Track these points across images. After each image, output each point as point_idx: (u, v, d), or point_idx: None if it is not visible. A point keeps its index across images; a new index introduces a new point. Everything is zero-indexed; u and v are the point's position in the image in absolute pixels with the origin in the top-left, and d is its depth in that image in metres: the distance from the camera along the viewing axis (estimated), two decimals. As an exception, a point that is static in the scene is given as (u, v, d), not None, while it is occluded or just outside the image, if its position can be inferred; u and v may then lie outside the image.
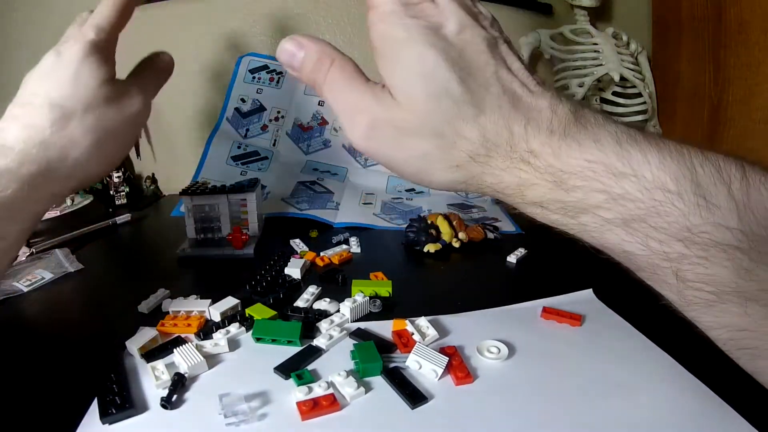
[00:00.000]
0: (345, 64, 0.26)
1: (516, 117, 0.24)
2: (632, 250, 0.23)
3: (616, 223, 0.23)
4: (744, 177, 0.22)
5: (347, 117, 0.26)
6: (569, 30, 0.81)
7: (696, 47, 0.77)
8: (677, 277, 0.23)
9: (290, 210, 0.66)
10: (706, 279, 0.22)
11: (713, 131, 0.75)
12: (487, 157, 0.24)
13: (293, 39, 0.26)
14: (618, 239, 0.23)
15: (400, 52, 0.24)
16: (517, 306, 0.41)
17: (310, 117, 0.82)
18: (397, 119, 0.24)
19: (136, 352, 0.33)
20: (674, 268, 0.23)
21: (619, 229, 0.23)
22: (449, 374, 0.31)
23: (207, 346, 0.34)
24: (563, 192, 0.24)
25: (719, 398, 0.28)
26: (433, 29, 0.23)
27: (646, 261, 0.23)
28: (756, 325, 0.22)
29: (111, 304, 0.43)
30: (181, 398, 0.29)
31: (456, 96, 0.23)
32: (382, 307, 0.40)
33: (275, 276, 0.46)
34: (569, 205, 0.24)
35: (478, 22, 0.24)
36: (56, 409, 0.29)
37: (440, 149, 0.24)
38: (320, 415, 0.28)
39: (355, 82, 0.26)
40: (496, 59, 0.24)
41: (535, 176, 0.24)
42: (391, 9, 0.24)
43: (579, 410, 0.28)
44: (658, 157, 0.22)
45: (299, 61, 0.26)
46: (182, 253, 0.53)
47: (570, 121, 0.24)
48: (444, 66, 0.23)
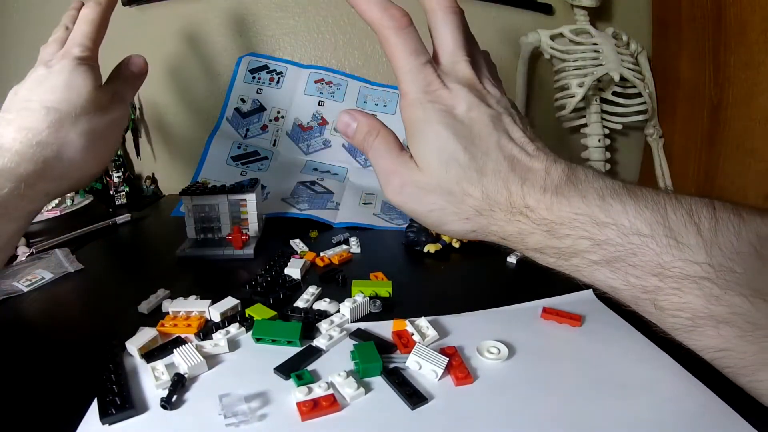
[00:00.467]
0: (387, 135, 0.32)
1: (513, 178, 0.28)
2: (616, 285, 0.28)
3: (601, 264, 0.27)
4: (713, 217, 0.26)
5: (384, 177, 0.31)
6: (569, 30, 0.81)
7: (696, 47, 0.77)
8: (655, 307, 0.27)
9: (290, 210, 0.66)
10: (681, 307, 0.26)
11: (713, 131, 0.75)
12: (491, 211, 0.29)
13: (349, 113, 0.33)
14: (604, 277, 0.28)
15: (421, 130, 0.29)
16: (517, 306, 0.41)
17: (310, 117, 0.82)
18: (419, 181, 0.30)
19: (136, 352, 0.33)
20: (652, 299, 0.27)
21: (604, 269, 0.28)
22: (449, 375, 0.31)
23: (207, 346, 0.34)
24: (556, 240, 0.28)
25: (719, 399, 0.29)
26: (447, 110, 0.29)
27: (629, 294, 0.28)
28: (731, 345, 0.25)
29: (111, 304, 0.43)
30: (181, 399, 0.29)
31: (462, 163, 0.28)
32: (382, 307, 0.40)
33: (275, 276, 0.46)
34: (562, 250, 0.28)
35: (485, 101, 0.30)
36: (56, 409, 0.29)
37: (452, 204, 0.29)
38: (320, 415, 0.28)
39: (393, 151, 0.31)
40: (498, 131, 0.29)
41: (531, 227, 0.28)
42: (414, 96, 0.29)
43: (579, 411, 0.28)
44: (635, 208, 0.27)
45: (353, 130, 0.32)
46: (182, 253, 0.53)
47: (561, 180, 0.28)
48: (453, 139, 0.28)
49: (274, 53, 0.87)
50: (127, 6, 0.81)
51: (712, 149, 0.76)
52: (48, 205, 0.62)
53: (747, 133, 0.70)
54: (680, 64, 0.81)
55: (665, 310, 0.27)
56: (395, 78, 0.31)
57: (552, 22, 0.86)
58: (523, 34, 0.84)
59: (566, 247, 0.28)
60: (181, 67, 0.85)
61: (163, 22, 0.83)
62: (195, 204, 0.55)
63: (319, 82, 0.84)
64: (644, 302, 0.27)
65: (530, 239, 0.29)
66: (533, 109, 0.91)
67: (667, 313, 0.27)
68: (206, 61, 0.86)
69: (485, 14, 0.87)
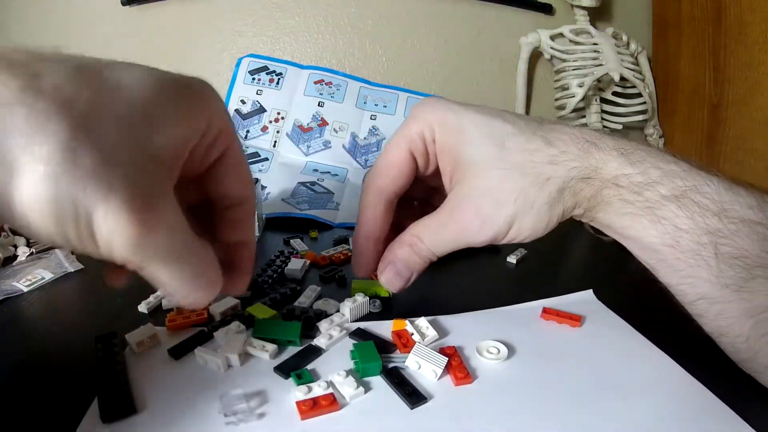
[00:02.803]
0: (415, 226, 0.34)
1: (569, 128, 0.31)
2: (682, 225, 0.28)
3: (670, 199, 0.28)
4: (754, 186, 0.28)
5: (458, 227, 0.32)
6: (569, 30, 0.81)
7: (696, 47, 0.77)
8: (716, 253, 0.27)
9: (290, 210, 0.66)
10: (737, 253, 0.27)
11: (713, 131, 0.75)
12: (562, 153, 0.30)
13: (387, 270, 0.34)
14: (671, 214, 0.28)
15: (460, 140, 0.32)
16: (517, 306, 0.41)
17: (310, 118, 0.82)
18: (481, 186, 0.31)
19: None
20: (714, 242, 0.27)
21: (672, 205, 0.28)
22: (449, 374, 0.31)
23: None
24: (630, 165, 0.29)
25: (719, 400, 0.29)
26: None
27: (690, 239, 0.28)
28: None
29: (111, 304, 0.43)
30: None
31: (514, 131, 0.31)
32: (382, 307, 0.40)
33: (275, 276, 0.46)
34: (635, 180, 0.29)
35: None
36: (56, 409, 0.29)
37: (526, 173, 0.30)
38: (319, 414, 0.28)
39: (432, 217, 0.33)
40: None
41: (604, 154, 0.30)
42: None
43: (578, 411, 0.28)
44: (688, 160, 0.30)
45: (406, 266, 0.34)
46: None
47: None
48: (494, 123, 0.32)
49: (273, 53, 0.87)
50: (126, 6, 0.81)
51: (712, 149, 0.76)
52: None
53: (747, 133, 0.70)
54: (680, 64, 0.81)
55: (724, 257, 0.27)
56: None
57: (552, 22, 0.86)
58: (523, 34, 0.84)
59: (639, 174, 0.29)
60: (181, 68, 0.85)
61: (163, 22, 0.83)
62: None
63: (319, 83, 0.85)
64: (706, 249, 0.27)
65: (607, 168, 0.30)
66: (533, 109, 0.91)
67: (726, 263, 0.27)
68: (206, 61, 0.86)
69: (485, 14, 0.87)
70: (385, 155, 0.33)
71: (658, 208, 0.29)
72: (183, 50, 0.85)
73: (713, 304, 0.28)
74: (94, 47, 0.91)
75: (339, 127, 0.83)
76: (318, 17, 0.86)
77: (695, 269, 0.28)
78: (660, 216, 0.29)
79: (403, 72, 0.89)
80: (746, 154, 0.70)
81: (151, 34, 0.84)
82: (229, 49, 0.86)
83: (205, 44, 0.86)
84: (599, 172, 0.30)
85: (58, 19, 0.81)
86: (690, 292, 0.29)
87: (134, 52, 0.84)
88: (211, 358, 0.32)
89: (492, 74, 0.90)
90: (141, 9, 0.82)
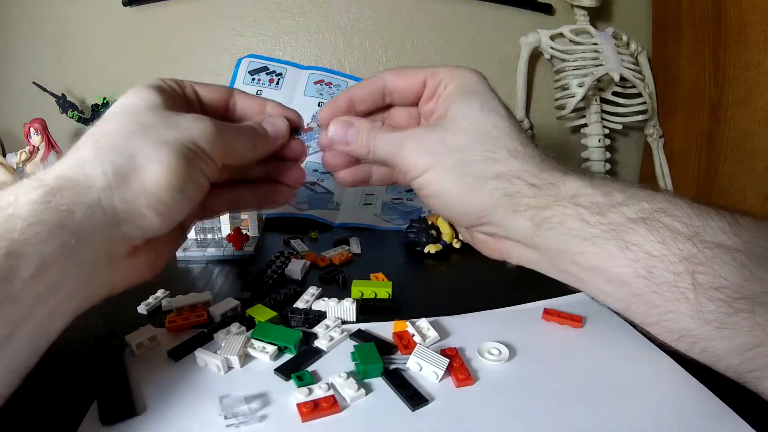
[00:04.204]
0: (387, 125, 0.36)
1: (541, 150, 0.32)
2: (653, 252, 0.25)
3: (637, 221, 0.26)
4: (725, 209, 0.26)
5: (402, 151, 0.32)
6: (569, 30, 0.81)
7: (696, 47, 0.77)
8: (694, 284, 0.25)
9: (290, 210, 0.66)
10: (717, 283, 0.24)
11: (713, 131, 0.75)
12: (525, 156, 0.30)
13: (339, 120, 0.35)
14: (641, 238, 0.26)
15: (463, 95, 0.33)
16: (518, 307, 0.40)
17: (310, 118, 0.82)
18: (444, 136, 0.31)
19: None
20: (690, 270, 0.25)
21: (641, 228, 0.26)
22: (450, 376, 0.31)
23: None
24: (590, 187, 0.28)
25: (720, 401, 0.28)
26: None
27: (665, 268, 0.25)
28: (765, 336, 0.23)
29: (111, 305, 0.43)
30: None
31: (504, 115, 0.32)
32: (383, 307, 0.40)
33: (275, 277, 0.46)
34: (597, 200, 0.28)
35: None
36: (56, 410, 0.29)
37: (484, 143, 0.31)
38: (320, 416, 0.28)
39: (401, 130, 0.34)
40: None
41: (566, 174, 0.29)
42: None
43: (580, 412, 0.28)
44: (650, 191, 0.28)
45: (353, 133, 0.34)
46: (182, 253, 0.53)
47: None
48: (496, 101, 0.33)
49: (273, 53, 0.86)
50: (127, 6, 0.81)
51: (712, 149, 0.76)
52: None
53: (747, 133, 0.70)
54: (680, 64, 0.81)
55: (703, 289, 0.24)
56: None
57: (552, 22, 0.86)
58: (523, 34, 0.84)
59: (602, 195, 0.28)
60: (181, 68, 0.85)
61: (163, 22, 0.83)
62: (195, 205, 0.55)
63: (318, 83, 0.84)
64: (683, 279, 0.25)
65: (565, 185, 0.29)
66: (533, 109, 0.91)
67: (705, 296, 0.24)
68: (206, 61, 0.86)
69: (485, 14, 0.87)
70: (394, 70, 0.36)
71: (625, 232, 0.26)
72: (183, 50, 0.85)
73: (697, 342, 0.26)
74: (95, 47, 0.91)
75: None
76: (318, 17, 0.86)
77: (674, 303, 0.25)
78: (628, 241, 0.26)
79: (403, 72, 0.89)
80: (746, 154, 0.70)
81: (152, 34, 0.84)
82: (229, 49, 0.85)
83: (205, 44, 0.85)
84: (555, 188, 0.29)
85: (58, 19, 0.81)
86: (673, 329, 0.27)
87: (134, 53, 0.84)
88: (211, 360, 0.32)
89: (492, 74, 0.89)
90: (141, 9, 0.82)
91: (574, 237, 0.28)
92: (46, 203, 0.23)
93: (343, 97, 0.36)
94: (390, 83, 0.35)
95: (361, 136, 0.33)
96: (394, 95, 0.36)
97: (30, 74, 0.78)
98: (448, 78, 0.33)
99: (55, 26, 0.81)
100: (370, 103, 0.36)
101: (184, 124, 0.29)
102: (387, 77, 0.35)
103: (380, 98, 0.36)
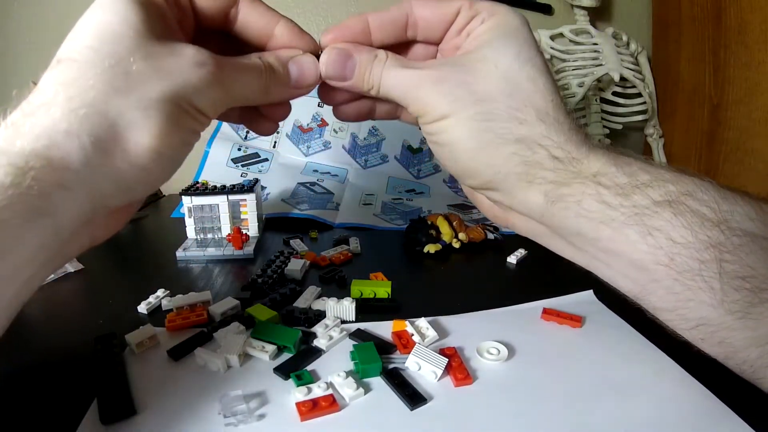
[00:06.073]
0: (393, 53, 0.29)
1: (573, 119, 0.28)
2: (678, 238, 0.24)
3: (663, 204, 0.24)
4: (748, 194, 0.25)
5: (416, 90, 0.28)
6: (569, 30, 0.81)
7: (696, 47, 0.77)
8: (721, 273, 0.23)
9: (290, 210, 0.66)
10: (744, 272, 0.23)
11: (713, 131, 0.75)
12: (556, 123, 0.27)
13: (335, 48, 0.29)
14: (667, 225, 0.24)
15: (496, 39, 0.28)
16: (517, 307, 0.41)
17: (310, 118, 0.82)
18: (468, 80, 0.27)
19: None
20: (718, 257, 0.23)
21: (666, 212, 0.24)
22: (449, 375, 0.31)
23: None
24: (615, 166, 0.26)
25: (719, 400, 0.28)
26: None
27: (688, 256, 0.23)
28: None
29: (111, 304, 0.43)
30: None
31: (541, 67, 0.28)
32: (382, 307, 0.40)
33: (275, 276, 0.46)
34: (621, 181, 0.25)
35: None
36: (56, 410, 0.29)
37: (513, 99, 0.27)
38: (319, 415, 0.28)
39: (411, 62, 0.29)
40: None
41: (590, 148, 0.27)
42: None
43: (579, 412, 0.28)
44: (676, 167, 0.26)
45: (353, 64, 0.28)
46: (182, 253, 0.53)
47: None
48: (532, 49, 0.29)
49: (274, 54, 0.86)
50: (127, 6, 0.81)
51: (712, 149, 0.76)
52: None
53: (747, 133, 0.70)
54: (680, 64, 0.81)
55: (729, 278, 0.23)
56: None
57: (552, 22, 0.86)
58: (523, 34, 0.84)
59: (626, 175, 0.25)
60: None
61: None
62: (195, 204, 0.55)
63: (319, 83, 0.84)
64: (708, 268, 0.23)
65: (588, 160, 0.26)
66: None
67: (731, 285, 0.23)
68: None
69: (485, 14, 0.87)
70: None
71: (649, 216, 0.24)
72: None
73: (716, 332, 0.24)
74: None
75: (339, 127, 0.83)
76: (318, 17, 0.86)
77: (696, 292, 0.24)
78: (651, 226, 0.24)
79: (403, 72, 0.89)
80: (746, 154, 0.70)
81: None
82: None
83: (205, 44, 0.86)
84: (578, 164, 0.26)
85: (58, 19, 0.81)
86: (690, 317, 0.25)
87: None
88: (211, 359, 0.32)
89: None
90: (141, 9, 0.82)
91: (590, 220, 0.26)
92: (16, 186, 0.20)
93: (356, 19, 0.29)
94: (417, 11, 0.29)
95: (362, 70, 0.28)
96: (418, 27, 0.29)
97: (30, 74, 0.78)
98: (487, 13, 0.28)
99: (55, 26, 0.82)
100: (390, 32, 0.29)
101: (178, 68, 0.23)
102: (414, 4, 0.29)
103: (402, 29, 0.30)
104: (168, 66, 0.23)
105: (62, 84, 0.23)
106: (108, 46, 0.23)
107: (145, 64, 0.23)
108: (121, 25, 0.23)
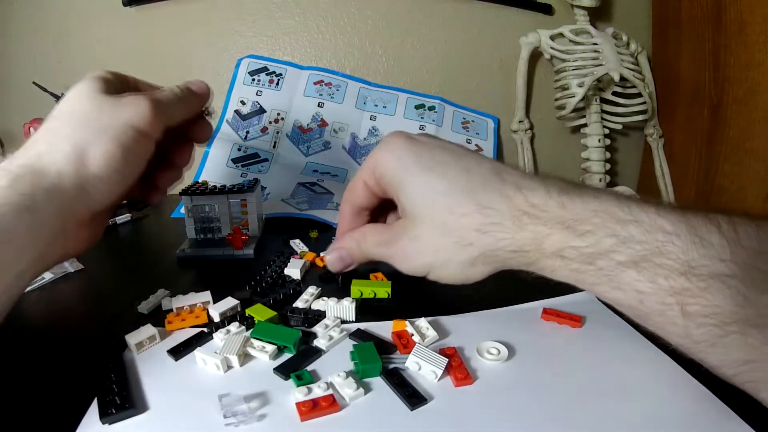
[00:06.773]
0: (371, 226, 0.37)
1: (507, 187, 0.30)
2: (644, 289, 0.26)
3: (628, 265, 0.26)
4: (730, 220, 0.26)
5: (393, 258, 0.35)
6: (569, 30, 0.81)
7: (696, 47, 0.77)
8: (683, 313, 0.25)
9: (290, 210, 0.66)
10: (709, 311, 0.25)
11: (713, 131, 0.75)
12: (493, 224, 0.29)
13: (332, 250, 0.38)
14: (631, 279, 0.26)
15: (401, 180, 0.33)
16: (517, 307, 0.40)
17: (310, 119, 0.82)
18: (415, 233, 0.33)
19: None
20: (680, 301, 0.25)
21: (631, 270, 0.26)
22: (449, 375, 0.31)
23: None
24: (577, 238, 0.27)
25: (719, 400, 0.28)
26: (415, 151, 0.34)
27: (656, 301, 0.26)
28: (758, 354, 0.24)
29: (111, 304, 0.43)
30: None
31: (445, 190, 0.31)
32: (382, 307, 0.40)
33: (275, 276, 0.46)
34: (584, 251, 0.27)
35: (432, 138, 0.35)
36: (56, 409, 0.29)
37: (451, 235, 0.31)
38: (319, 415, 0.28)
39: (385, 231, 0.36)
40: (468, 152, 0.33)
41: (546, 228, 0.28)
42: None
43: (579, 412, 0.28)
44: (654, 208, 0.27)
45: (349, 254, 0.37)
46: (182, 253, 0.53)
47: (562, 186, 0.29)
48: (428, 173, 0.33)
49: (273, 53, 0.87)
50: (127, 6, 0.81)
51: (712, 149, 0.76)
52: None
53: (747, 133, 0.70)
54: (680, 64, 0.81)
55: (693, 317, 0.25)
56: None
57: (552, 22, 0.86)
58: (523, 34, 0.84)
59: (589, 246, 0.27)
60: (181, 68, 0.85)
61: (163, 22, 0.83)
62: (195, 204, 0.55)
63: (318, 84, 0.85)
64: (671, 309, 0.26)
65: (548, 242, 0.28)
66: (533, 109, 0.91)
67: (694, 322, 0.25)
68: (206, 61, 0.86)
69: (485, 14, 0.87)
70: (352, 180, 0.38)
71: (615, 276, 0.27)
72: (183, 51, 0.85)
73: (692, 353, 0.27)
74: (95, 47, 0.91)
75: (339, 127, 0.83)
76: (318, 17, 0.86)
77: (664, 325, 0.27)
78: (619, 282, 0.27)
79: (403, 72, 0.89)
80: (746, 154, 0.70)
81: (151, 34, 0.84)
82: (229, 49, 0.86)
83: (205, 44, 0.86)
84: (539, 245, 0.29)
85: (58, 19, 0.81)
86: (669, 340, 0.28)
87: (134, 53, 0.84)
88: (211, 359, 0.32)
89: (492, 74, 0.90)
90: (141, 9, 0.82)
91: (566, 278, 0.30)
92: (12, 188, 0.28)
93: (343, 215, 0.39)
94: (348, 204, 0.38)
95: (354, 253, 0.37)
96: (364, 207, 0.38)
97: (30, 74, 0.78)
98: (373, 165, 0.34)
99: (55, 26, 0.82)
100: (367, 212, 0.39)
101: (122, 107, 0.33)
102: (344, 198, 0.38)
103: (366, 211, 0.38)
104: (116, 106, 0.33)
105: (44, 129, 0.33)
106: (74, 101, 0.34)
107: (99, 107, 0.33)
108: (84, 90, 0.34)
